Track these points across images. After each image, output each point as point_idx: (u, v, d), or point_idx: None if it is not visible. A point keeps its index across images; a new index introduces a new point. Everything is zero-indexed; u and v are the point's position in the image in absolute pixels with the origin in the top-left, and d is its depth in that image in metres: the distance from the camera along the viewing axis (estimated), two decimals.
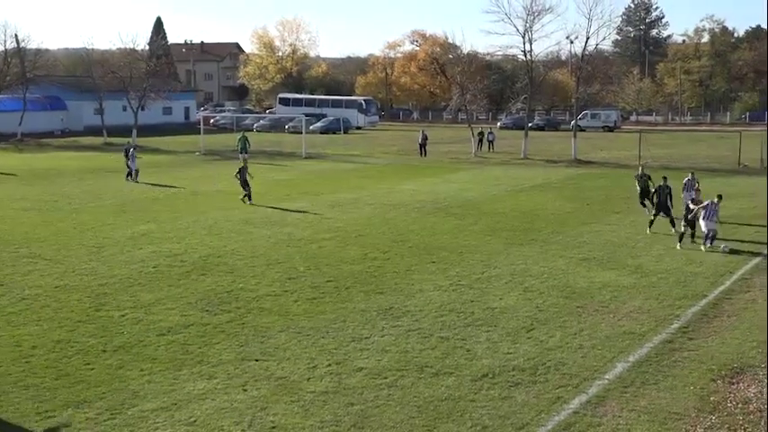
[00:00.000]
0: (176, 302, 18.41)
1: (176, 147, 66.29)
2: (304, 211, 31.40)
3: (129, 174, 42.48)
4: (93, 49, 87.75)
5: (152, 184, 40.61)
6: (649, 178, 30.18)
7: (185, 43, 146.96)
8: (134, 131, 70.42)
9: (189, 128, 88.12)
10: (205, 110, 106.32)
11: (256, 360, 14.62)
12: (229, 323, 16.90)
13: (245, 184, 33.56)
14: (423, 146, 60.04)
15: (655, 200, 26.80)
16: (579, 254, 23.57)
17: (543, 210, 30.36)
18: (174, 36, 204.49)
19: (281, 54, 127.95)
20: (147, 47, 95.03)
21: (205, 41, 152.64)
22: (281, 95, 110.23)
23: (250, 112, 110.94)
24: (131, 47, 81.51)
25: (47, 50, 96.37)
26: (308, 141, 61.70)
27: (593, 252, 23.80)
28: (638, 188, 30.30)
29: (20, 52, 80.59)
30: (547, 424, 11.93)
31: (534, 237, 26.30)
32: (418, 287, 19.88)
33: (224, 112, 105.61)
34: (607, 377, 13.76)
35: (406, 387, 13.36)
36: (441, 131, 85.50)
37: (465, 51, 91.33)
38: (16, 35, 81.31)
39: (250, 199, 33.17)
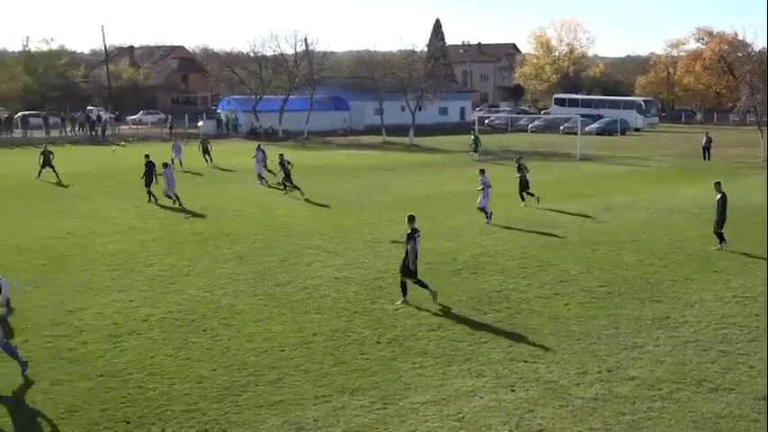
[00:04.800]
0: (448, 299, 18.71)
1: (451, 146, 67.42)
2: (577, 214, 30.85)
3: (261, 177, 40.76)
4: (375, 52, 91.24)
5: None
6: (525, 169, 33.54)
7: (463, 44, 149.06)
8: (411, 131, 72.54)
9: (464, 128, 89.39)
10: (480, 110, 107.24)
11: (525, 361, 14.55)
12: (499, 323, 16.95)
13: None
14: (706, 149, 57.03)
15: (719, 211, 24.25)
16: None
17: None
18: (452, 37, 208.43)
19: (557, 54, 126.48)
20: (426, 48, 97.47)
21: (482, 42, 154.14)
22: (557, 96, 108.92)
23: (525, 112, 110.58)
24: (411, 49, 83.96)
25: (332, 53, 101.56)
26: (583, 143, 60.56)
27: None
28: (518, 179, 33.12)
29: (308, 55, 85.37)
30: None
31: None
32: (697, 297, 18.92)
33: (499, 112, 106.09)
34: None
35: (682, 401, 12.75)
36: (726, 134, 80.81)
37: (756, 49, 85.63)
38: (306, 39, 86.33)
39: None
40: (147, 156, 34.95)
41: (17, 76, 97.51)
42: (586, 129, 76.91)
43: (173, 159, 46.13)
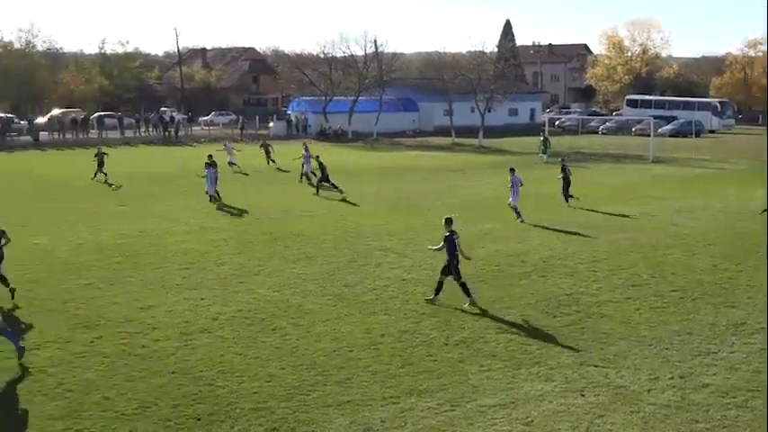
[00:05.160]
0: (516, 302, 18.58)
1: (521, 148, 66.89)
2: (649, 217, 30.36)
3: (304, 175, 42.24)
4: (444, 53, 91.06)
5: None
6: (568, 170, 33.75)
7: (533, 45, 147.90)
8: (480, 132, 72.23)
9: (533, 129, 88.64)
10: (550, 112, 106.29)
11: (595, 366, 14.36)
12: (568, 326, 16.76)
13: None
14: None
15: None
16: None
17: None
18: (523, 38, 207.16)
19: (630, 54, 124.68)
20: (496, 49, 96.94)
21: (553, 43, 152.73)
22: (629, 97, 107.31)
23: (596, 114, 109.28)
24: (480, 50, 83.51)
25: (402, 54, 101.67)
26: (656, 144, 59.58)
27: None
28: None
29: (378, 56, 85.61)
30: None
31: None
32: None
33: (569, 113, 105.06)
34: None
35: (757, 409, 12.45)
36: None
37: None
38: (375, 41, 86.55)
39: None
40: (210, 156, 35.60)
41: (93, 78, 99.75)
42: (659, 130, 75.66)
43: (230, 162, 46.76)
